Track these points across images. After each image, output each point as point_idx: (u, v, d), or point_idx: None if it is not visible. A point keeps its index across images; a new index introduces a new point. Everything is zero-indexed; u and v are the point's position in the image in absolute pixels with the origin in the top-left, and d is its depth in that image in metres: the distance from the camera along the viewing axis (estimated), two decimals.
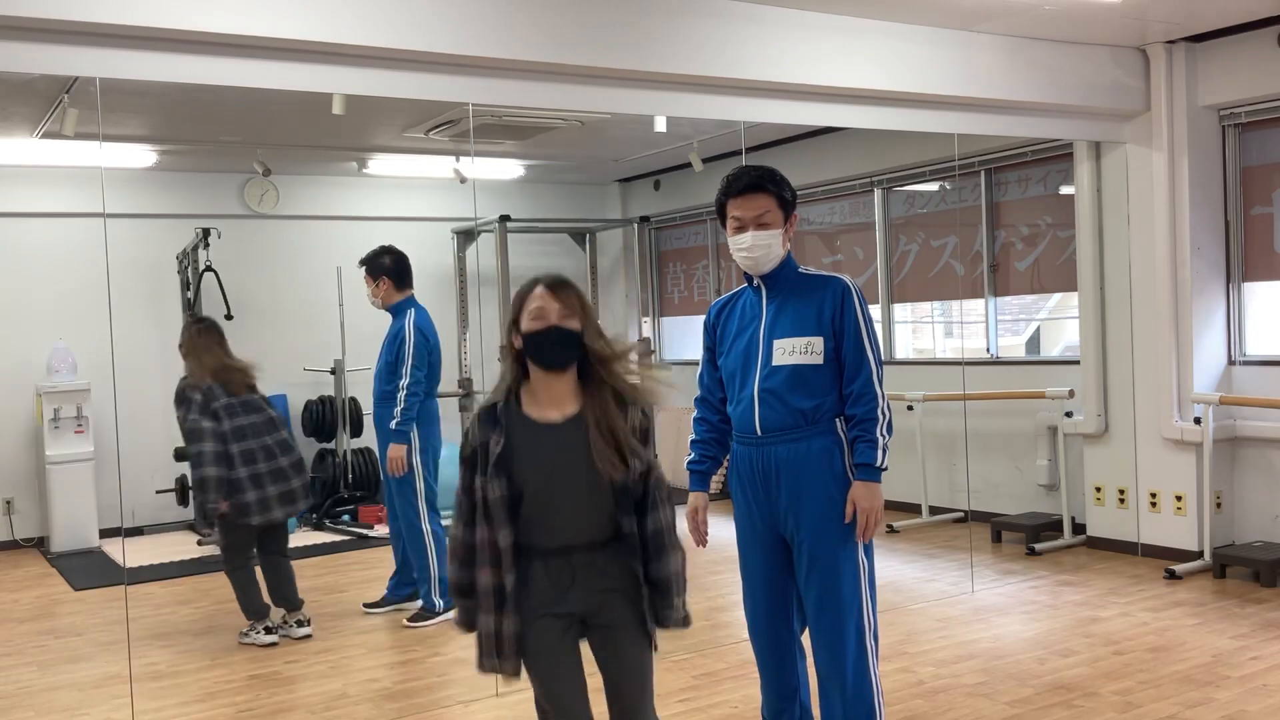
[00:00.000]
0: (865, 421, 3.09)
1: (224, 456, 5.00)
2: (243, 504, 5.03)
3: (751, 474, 3.22)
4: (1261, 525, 5.99)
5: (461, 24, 4.16)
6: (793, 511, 3.16)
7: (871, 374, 3.10)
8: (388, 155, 8.21)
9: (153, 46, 3.70)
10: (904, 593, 5.75)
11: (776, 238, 3.14)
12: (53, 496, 7.62)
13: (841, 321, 3.11)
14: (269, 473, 5.09)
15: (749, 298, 3.26)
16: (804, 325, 3.12)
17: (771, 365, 3.12)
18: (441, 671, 4.75)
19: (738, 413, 3.23)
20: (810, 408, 3.11)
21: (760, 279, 3.21)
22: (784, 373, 3.11)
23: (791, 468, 3.14)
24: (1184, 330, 6.01)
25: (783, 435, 3.14)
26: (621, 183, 10.17)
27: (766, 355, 3.14)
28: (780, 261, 3.18)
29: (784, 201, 3.18)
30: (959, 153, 6.67)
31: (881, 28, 5.14)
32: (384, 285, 5.48)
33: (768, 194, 3.15)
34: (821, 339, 3.10)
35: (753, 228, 3.13)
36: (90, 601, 6.24)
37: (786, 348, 3.11)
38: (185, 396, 5.11)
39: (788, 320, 3.14)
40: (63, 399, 7.61)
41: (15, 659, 5.17)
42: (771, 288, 3.20)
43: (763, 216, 3.13)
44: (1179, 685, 4.18)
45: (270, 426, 5.19)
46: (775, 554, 3.25)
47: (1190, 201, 5.97)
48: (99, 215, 7.56)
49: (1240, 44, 5.79)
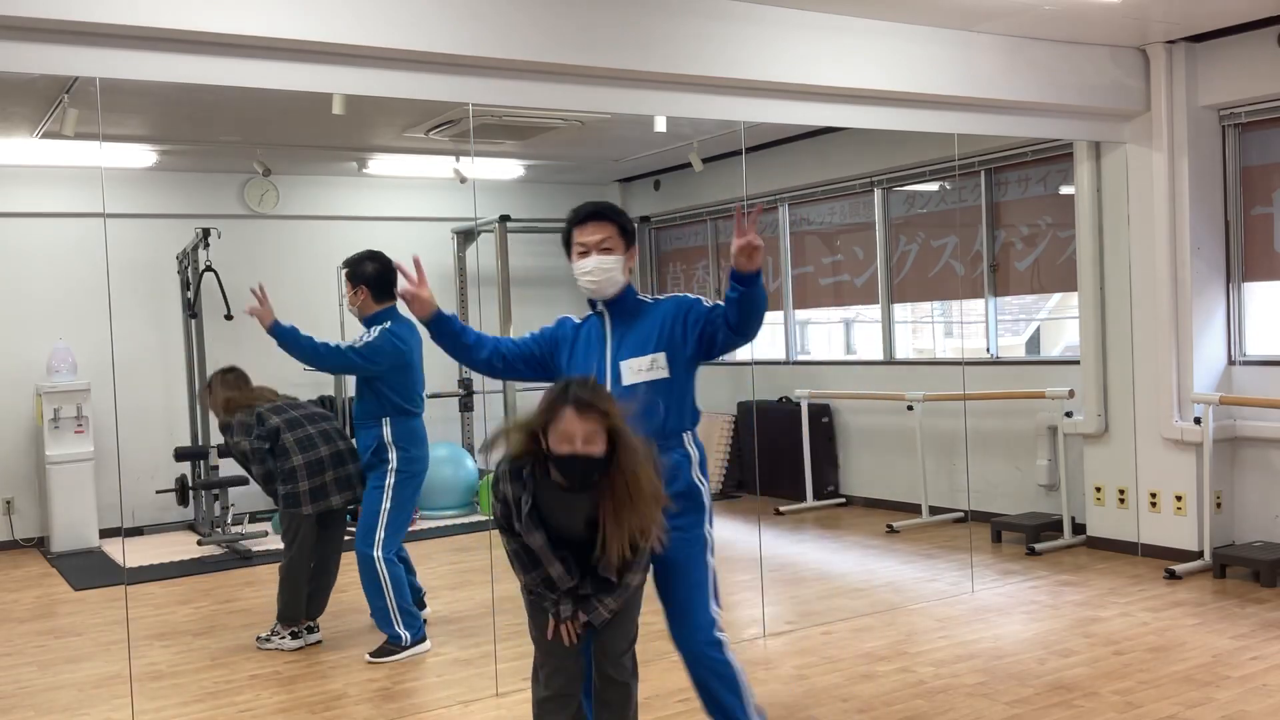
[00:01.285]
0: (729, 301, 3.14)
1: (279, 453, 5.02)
2: (299, 492, 4.99)
3: None
4: (1261, 525, 5.99)
5: (461, 24, 4.16)
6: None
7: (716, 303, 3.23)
8: (388, 155, 8.21)
9: (153, 46, 3.70)
10: (904, 593, 5.75)
11: (619, 263, 3.29)
12: (53, 496, 7.62)
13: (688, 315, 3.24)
14: (329, 456, 5.05)
15: (593, 323, 3.39)
16: (646, 344, 3.26)
17: (622, 385, 3.23)
18: (441, 671, 4.75)
19: None
20: (662, 423, 3.21)
21: (604, 305, 3.34)
22: (636, 390, 3.22)
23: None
24: (1184, 330, 6.01)
25: None
26: (621, 183, 10.17)
27: (615, 376, 3.25)
28: (622, 288, 3.32)
29: (624, 231, 3.33)
30: (959, 153, 6.67)
31: (881, 28, 5.14)
32: (362, 294, 5.03)
33: (611, 222, 3.31)
34: (664, 354, 3.24)
35: (595, 253, 3.26)
36: (90, 601, 6.24)
37: (634, 367, 3.24)
38: (228, 427, 5.21)
39: (632, 342, 3.28)
40: (63, 399, 7.61)
41: (15, 659, 5.17)
42: (615, 313, 3.33)
43: (604, 242, 3.27)
44: (1179, 685, 4.18)
45: (320, 417, 5.21)
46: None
47: (1190, 201, 5.97)
48: (99, 215, 7.58)
49: (1240, 44, 5.79)
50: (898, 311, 8.07)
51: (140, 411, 7.97)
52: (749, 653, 4.81)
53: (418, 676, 4.69)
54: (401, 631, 4.93)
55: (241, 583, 6.57)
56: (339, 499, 5.07)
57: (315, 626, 5.24)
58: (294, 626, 5.13)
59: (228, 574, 6.79)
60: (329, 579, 5.30)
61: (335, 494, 5.05)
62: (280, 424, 5.04)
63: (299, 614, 5.15)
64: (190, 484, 7.98)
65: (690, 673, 3.29)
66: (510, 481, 2.91)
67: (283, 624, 5.13)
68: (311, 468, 5.00)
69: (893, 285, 7.99)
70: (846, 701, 4.16)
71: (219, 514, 7.63)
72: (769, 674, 4.51)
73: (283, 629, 5.13)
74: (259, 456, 5.05)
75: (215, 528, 7.61)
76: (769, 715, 4.03)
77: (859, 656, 4.68)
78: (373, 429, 4.97)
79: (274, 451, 5.03)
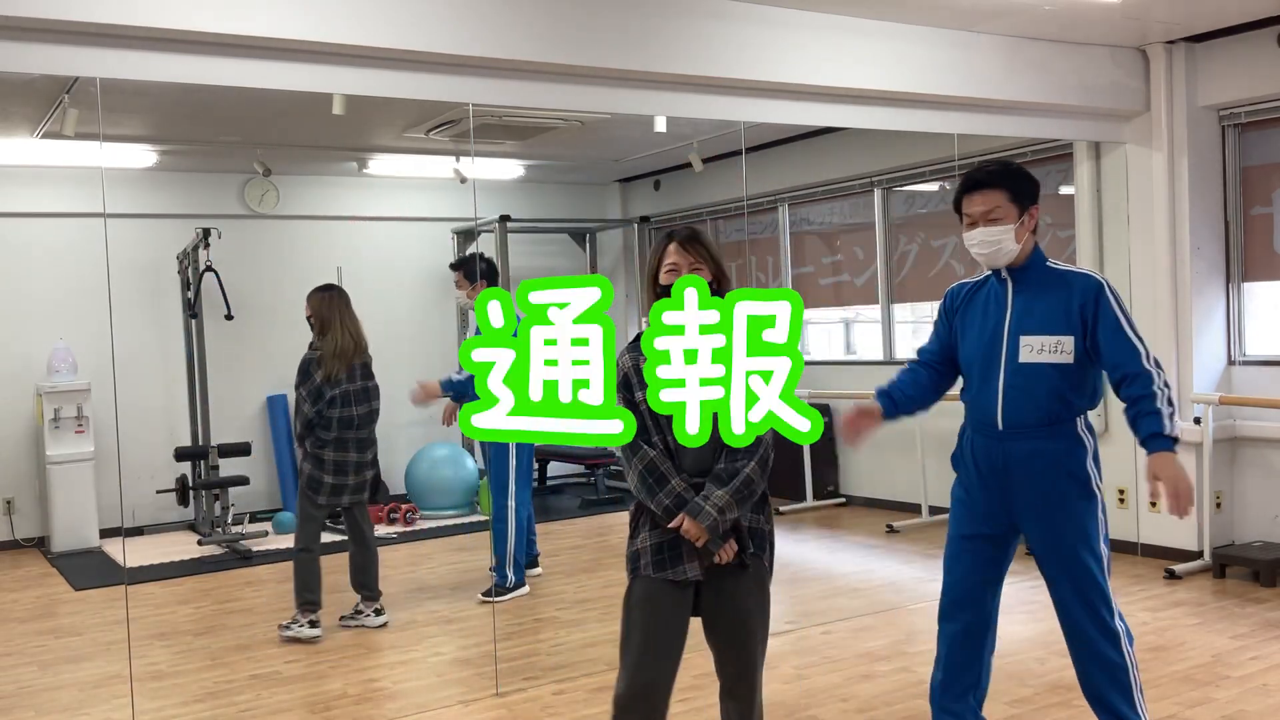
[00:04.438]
0: (1141, 399, 3.04)
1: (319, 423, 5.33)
2: (321, 481, 5.28)
3: (991, 466, 3.23)
4: (1261, 525, 5.99)
5: (461, 24, 4.16)
6: (1030, 508, 3.19)
7: (1141, 355, 3.06)
8: (388, 155, 8.21)
9: (153, 46, 3.70)
10: (904, 593, 5.75)
11: (1008, 233, 3.13)
12: (53, 496, 7.62)
13: (1096, 319, 3.09)
14: (355, 463, 5.39)
15: (993, 288, 3.26)
16: (1053, 323, 3.12)
17: (1018, 362, 3.13)
18: (441, 671, 4.75)
19: (978, 404, 3.25)
20: (1056, 407, 3.12)
21: (1007, 271, 3.21)
22: (1031, 370, 3.12)
23: (1030, 465, 3.16)
24: (1184, 330, 6.01)
25: (1025, 432, 3.16)
26: (621, 183, 10.17)
27: (1012, 351, 3.15)
28: (1023, 255, 3.18)
29: (1018, 195, 3.16)
30: (959, 153, 6.67)
31: (881, 28, 5.14)
32: (480, 287, 5.91)
33: (999, 189, 3.15)
34: (1072, 338, 3.10)
35: (982, 224, 3.15)
36: (90, 601, 6.24)
37: (1035, 345, 3.12)
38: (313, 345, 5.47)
39: (1036, 316, 3.14)
40: (63, 399, 7.62)
41: (15, 659, 5.17)
42: (1018, 281, 3.20)
43: (991, 213, 3.14)
44: (1179, 685, 4.18)
45: (364, 420, 5.44)
46: (996, 546, 3.30)
47: (1190, 201, 5.97)
48: (99, 215, 7.56)
49: (1240, 44, 5.79)
50: (898, 311, 8.07)
51: (140, 411, 7.96)
52: None
53: (418, 676, 4.69)
54: (509, 574, 5.81)
55: (242, 583, 6.58)
56: (349, 499, 5.37)
57: (381, 609, 5.42)
58: (312, 614, 5.18)
59: (228, 574, 6.79)
60: (366, 557, 5.44)
61: (348, 495, 5.36)
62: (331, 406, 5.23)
63: (313, 599, 5.20)
64: (190, 484, 7.98)
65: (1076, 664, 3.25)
66: (629, 350, 2.86)
67: (300, 611, 5.18)
68: (339, 466, 5.28)
69: (893, 285, 7.99)
70: (846, 701, 4.16)
71: (219, 514, 7.63)
72: (769, 674, 4.49)
73: (301, 616, 5.18)
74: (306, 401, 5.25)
75: (215, 528, 7.60)
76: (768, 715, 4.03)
77: (859, 656, 4.68)
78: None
79: (319, 419, 5.23)
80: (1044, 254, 3.25)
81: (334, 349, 5.24)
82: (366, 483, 5.44)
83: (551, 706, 4.17)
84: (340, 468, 5.29)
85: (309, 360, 5.27)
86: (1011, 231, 3.14)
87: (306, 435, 5.27)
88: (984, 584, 3.33)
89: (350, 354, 5.29)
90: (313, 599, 5.20)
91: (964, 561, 3.33)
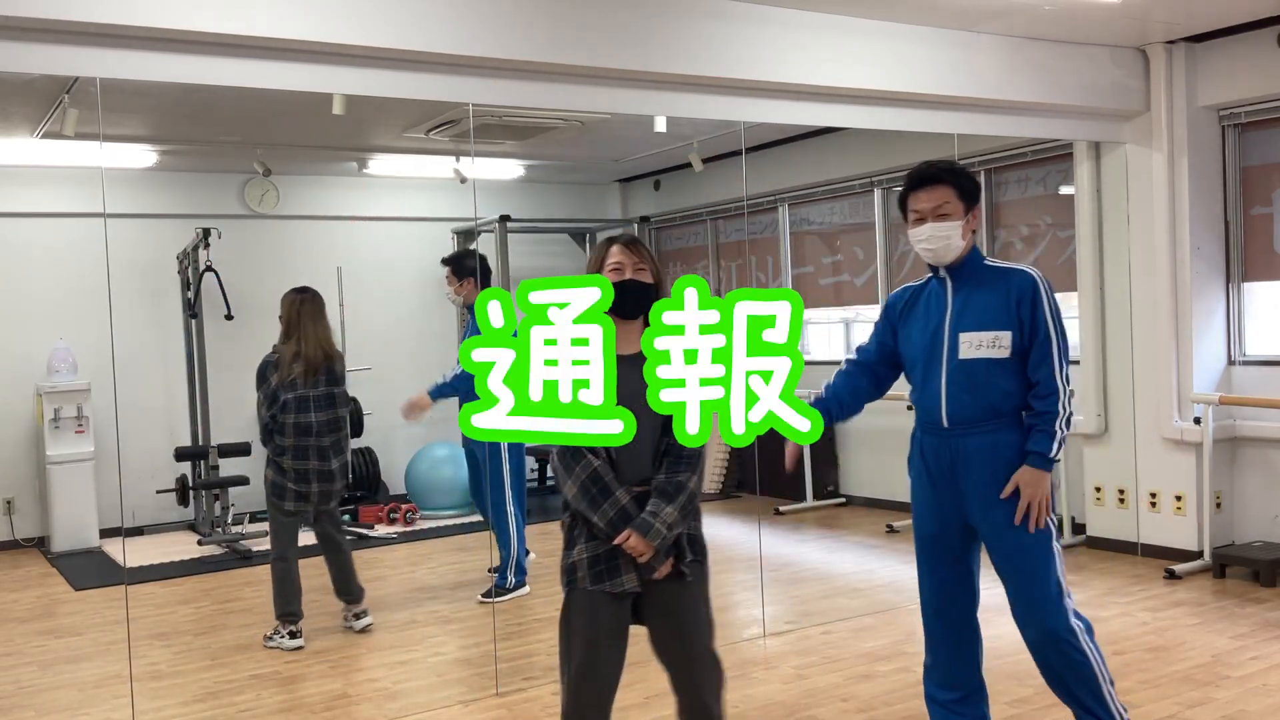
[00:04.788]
0: (1045, 414, 3.14)
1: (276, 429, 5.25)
2: (284, 487, 5.18)
3: (939, 464, 3.29)
4: (1261, 525, 5.99)
5: (461, 24, 4.16)
6: (982, 503, 3.21)
7: (1055, 368, 3.13)
8: (388, 155, 8.21)
9: (153, 46, 3.70)
10: (904, 593, 5.75)
11: (957, 229, 3.17)
12: (53, 496, 7.62)
13: (1032, 315, 3.13)
14: (316, 470, 5.23)
15: (934, 288, 3.30)
16: (991, 319, 3.16)
17: (959, 359, 3.17)
18: (441, 671, 4.75)
19: (923, 402, 3.30)
20: (998, 401, 3.16)
21: (945, 270, 3.25)
22: (971, 366, 3.16)
23: (980, 460, 3.20)
24: (1184, 330, 6.01)
25: (971, 428, 3.20)
26: (621, 183, 10.17)
27: (953, 348, 3.19)
28: (963, 253, 3.22)
29: (964, 193, 3.20)
30: (959, 153, 6.66)
31: (881, 28, 5.14)
32: (468, 285, 5.89)
33: (947, 185, 3.19)
34: (1009, 333, 3.14)
35: (931, 219, 3.17)
36: (90, 601, 6.24)
37: (973, 341, 3.16)
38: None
39: (974, 313, 3.18)
40: (63, 399, 7.62)
41: (15, 659, 5.17)
42: (956, 279, 3.24)
43: (941, 208, 3.16)
44: (1179, 685, 4.18)
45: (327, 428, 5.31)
46: (961, 540, 3.33)
47: (1190, 201, 5.97)
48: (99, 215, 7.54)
49: (1240, 44, 5.79)
50: None
51: (140, 411, 7.96)
52: (749, 653, 4.81)
53: (418, 676, 4.69)
54: (510, 577, 5.82)
55: (241, 583, 6.57)
56: (316, 507, 5.24)
57: (363, 612, 5.36)
58: (292, 625, 5.12)
59: (228, 574, 6.79)
60: (345, 561, 5.35)
61: (314, 503, 5.21)
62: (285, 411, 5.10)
63: (292, 610, 5.13)
64: (190, 484, 7.98)
65: (1036, 659, 3.27)
66: None
67: (281, 622, 5.13)
68: (300, 474, 5.14)
69: (893, 285, 7.98)
70: (846, 701, 4.16)
71: (219, 514, 7.63)
72: (769, 674, 4.51)
73: (282, 627, 5.12)
74: (263, 405, 5.16)
75: (215, 528, 7.60)
76: (768, 715, 4.03)
77: (859, 656, 4.68)
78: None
79: (273, 424, 5.11)
80: (981, 253, 3.30)
81: (293, 353, 5.14)
82: (334, 491, 5.27)
83: (551, 706, 4.17)
84: (301, 475, 5.14)
85: (265, 363, 5.18)
86: (959, 228, 3.18)
87: (266, 441, 5.18)
88: (956, 583, 3.36)
89: (314, 360, 5.16)
90: (292, 610, 5.12)
91: (932, 563, 3.38)
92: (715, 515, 8.32)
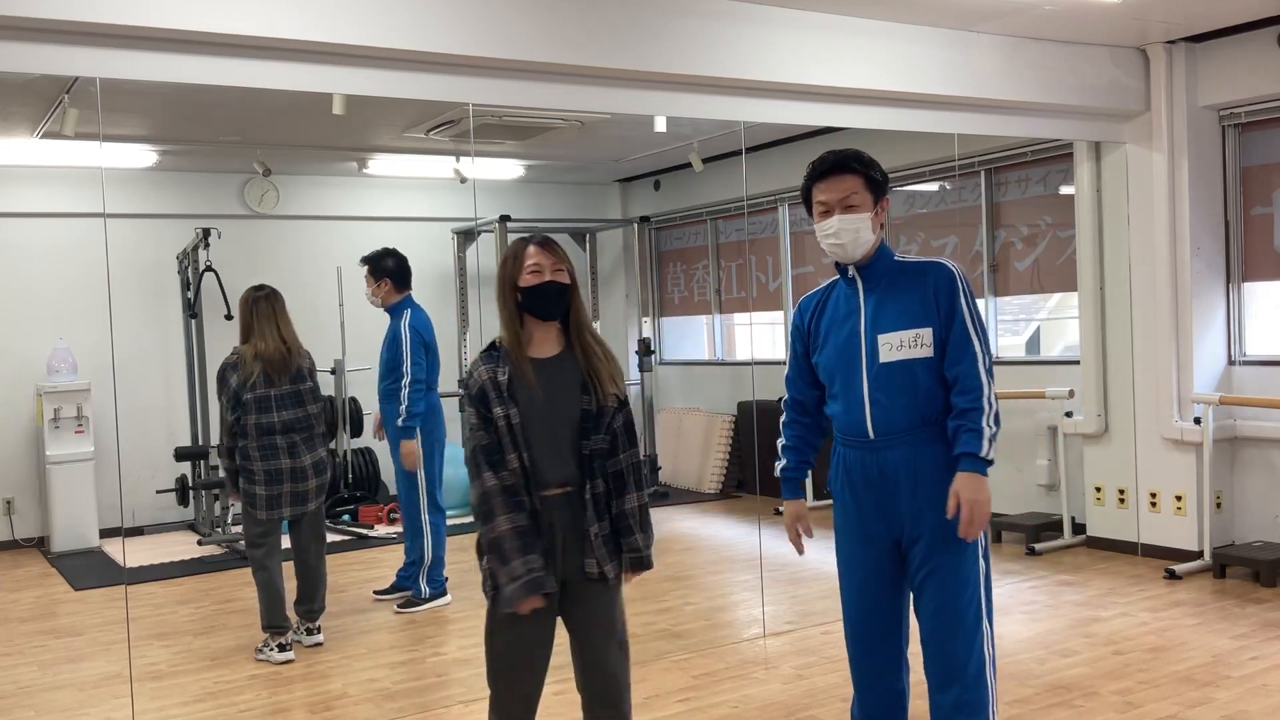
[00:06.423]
0: (969, 411, 2.87)
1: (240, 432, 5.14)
2: (255, 494, 4.99)
3: (865, 478, 3.02)
4: (1261, 525, 5.99)
5: (461, 24, 4.16)
6: (913, 517, 2.96)
7: (977, 361, 2.88)
8: (388, 155, 8.21)
9: (153, 46, 3.70)
10: None
11: (865, 221, 2.93)
12: (53, 496, 7.62)
13: (950, 307, 2.90)
14: (289, 470, 5.06)
15: (842, 290, 3.05)
16: (909, 316, 2.91)
17: (879, 363, 2.92)
18: (441, 671, 4.75)
19: (844, 415, 3.03)
20: (927, 405, 2.91)
21: (855, 269, 3.00)
22: (894, 370, 2.90)
23: (911, 472, 2.94)
24: (1184, 330, 6.01)
25: (899, 438, 2.94)
26: (621, 183, 10.17)
27: (871, 352, 2.93)
28: (874, 248, 2.97)
29: (872, 183, 2.97)
30: (959, 153, 6.67)
31: (881, 28, 5.14)
32: (385, 286, 5.75)
33: (855, 174, 2.97)
34: (930, 329, 2.89)
35: (839, 211, 2.95)
36: (90, 601, 6.24)
37: (893, 342, 2.90)
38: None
39: (890, 313, 2.93)
40: (63, 399, 7.62)
41: (15, 659, 5.17)
42: (868, 278, 2.99)
43: (849, 199, 2.94)
44: (1179, 685, 4.18)
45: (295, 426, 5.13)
46: (889, 559, 3.05)
47: (1190, 201, 5.97)
48: (99, 215, 7.56)
49: (1240, 44, 5.79)
50: None
51: (140, 411, 7.96)
52: (749, 653, 4.82)
53: (418, 676, 4.69)
54: (423, 586, 5.72)
55: (241, 583, 6.55)
56: (290, 510, 5.04)
57: (315, 629, 5.16)
58: (280, 637, 4.95)
59: (228, 574, 6.79)
60: (311, 576, 5.17)
61: (288, 506, 5.02)
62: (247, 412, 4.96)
63: (280, 623, 4.96)
64: (190, 484, 7.98)
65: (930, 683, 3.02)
66: (484, 362, 2.81)
67: (269, 634, 4.97)
68: (270, 475, 4.98)
69: None
70: (846, 701, 4.14)
71: (219, 514, 7.62)
72: (769, 674, 4.51)
73: (271, 640, 4.96)
74: (226, 409, 5.04)
75: (215, 527, 7.60)
76: (768, 715, 4.03)
77: None
78: (397, 404, 5.60)
79: (237, 426, 4.98)
80: (891, 249, 3.04)
81: (253, 353, 5.00)
82: (309, 491, 5.04)
83: (550, 706, 4.16)
84: (273, 476, 4.94)
85: (225, 366, 5.05)
86: (869, 220, 2.94)
87: (226, 454, 5.02)
88: (885, 611, 3.09)
89: (274, 358, 4.99)
90: (279, 623, 4.97)
91: (861, 587, 3.10)
92: (715, 515, 8.32)
